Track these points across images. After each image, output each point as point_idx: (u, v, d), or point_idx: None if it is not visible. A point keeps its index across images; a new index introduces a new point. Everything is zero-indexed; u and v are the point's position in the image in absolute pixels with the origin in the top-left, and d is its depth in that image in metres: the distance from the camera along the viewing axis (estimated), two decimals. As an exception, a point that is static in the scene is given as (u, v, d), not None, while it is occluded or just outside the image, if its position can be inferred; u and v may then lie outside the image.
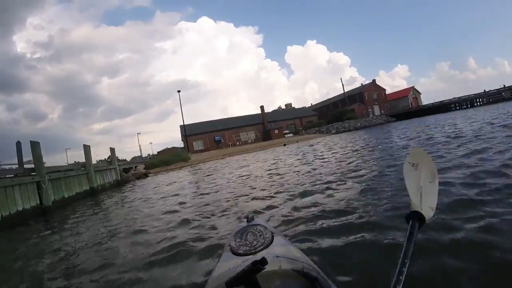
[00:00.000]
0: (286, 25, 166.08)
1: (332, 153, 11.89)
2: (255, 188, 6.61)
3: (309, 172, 7.35)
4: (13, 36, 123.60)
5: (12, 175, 10.20)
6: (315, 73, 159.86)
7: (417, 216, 1.01)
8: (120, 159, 59.43)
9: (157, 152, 66.28)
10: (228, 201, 5.51)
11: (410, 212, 1.03)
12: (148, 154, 62.72)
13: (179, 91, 49.99)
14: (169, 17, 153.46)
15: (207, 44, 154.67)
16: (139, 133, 70.90)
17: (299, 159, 11.97)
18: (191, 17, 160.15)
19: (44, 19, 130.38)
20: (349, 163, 7.55)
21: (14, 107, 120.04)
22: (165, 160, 30.45)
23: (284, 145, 34.25)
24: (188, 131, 54.37)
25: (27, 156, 11.53)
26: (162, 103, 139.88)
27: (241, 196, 5.78)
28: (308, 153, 14.56)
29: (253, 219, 1.73)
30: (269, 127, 58.80)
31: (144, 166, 27.08)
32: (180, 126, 55.06)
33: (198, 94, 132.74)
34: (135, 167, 25.78)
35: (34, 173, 10.88)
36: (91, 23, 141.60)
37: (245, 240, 1.39)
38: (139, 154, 66.37)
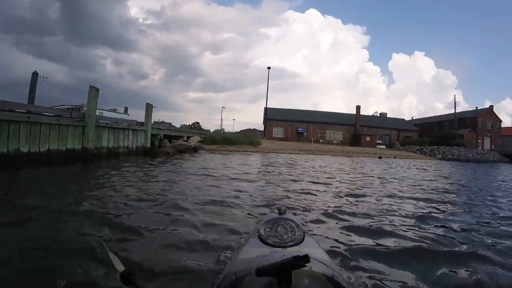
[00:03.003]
0: (396, 30, 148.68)
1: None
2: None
3: None
4: (128, 1, 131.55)
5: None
6: (416, 87, 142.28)
7: None
8: (204, 129, 56.05)
9: (240, 130, 61.30)
10: None
11: None
12: (222, 129, 57.23)
13: (269, 68, 44.14)
14: (277, 4, 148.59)
15: (311, 36, 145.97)
16: (224, 107, 66.42)
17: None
18: (300, 8, 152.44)
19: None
20: None
21: (120, 63, 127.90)
22: (229, 138, 23.97)
23: (380, 157, 25.58)
24: (270, 115, 47.80)
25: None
26: (257, 86, 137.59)
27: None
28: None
29: (285, 213, 1.56)
30: (360, 131, 49.14)
31: (199, 139, 20.71)
32: (264, 108, 48.68)
33: (292, 85, 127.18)
34: (187, 137, 19.44)
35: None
36: (203, 0, 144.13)
37: (275, 232, 1.26)
38: (219, 128, 62.12)
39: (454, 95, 60.61)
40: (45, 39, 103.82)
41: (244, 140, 24.44)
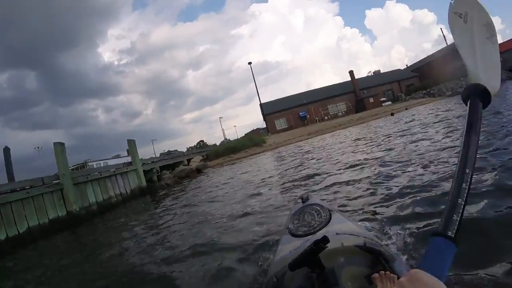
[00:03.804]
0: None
1: None
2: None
3: None
4: (97, 49, 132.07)
5: None
6: (399, 35, 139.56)
7: (479, 91, 0.72)
8: (209, 144, 54.29)
9: (244, 134, 59.58)
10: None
11: (467, 86, 0.75)
12: (225, 139, 55.08)
13: (250, 63, 43.19)
14: (240, 2, 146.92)
15: (282, 21, 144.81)
16: (221, 117, 65.11)
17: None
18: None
19: (123, 28, 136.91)
20: None
21: (111, 109, 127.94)
22: (231, 146, 22.53)
23: (392, 114, 23.95)
24: (268, 109, 46.37)
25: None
26: (246, 87, 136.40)
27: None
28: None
29: (308, 199, 1.56)
30: (362, 95, 47.12)
31: (201, 158, 19.33)
32: (259, 105, 47.22)
33: (280, 74, 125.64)
34: (188, 160, 18.08)
35: None
36: (168, 23, 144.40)
37: (303, 221, 1.29)
38: (223, 139, 60.57)
39: (441, 28, 58.62)
40: (32, 110, 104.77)
41: (248, 143, 23.00)
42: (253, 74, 45.09)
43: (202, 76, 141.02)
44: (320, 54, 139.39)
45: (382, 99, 46.26)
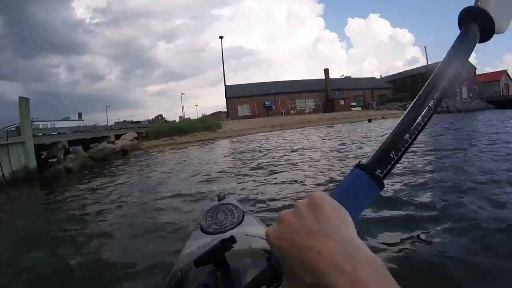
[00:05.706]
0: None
1: None
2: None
3: None
4: (72, 3, 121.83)
5: None
6: (375, 48, 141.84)
7: (482, 17, 0.49)
8: (169, 120, 49.02)
9: (202, 115, 55.32)
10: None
11: (468, 7, 0.51)
12: (182, 117, 50.54)
13: (221, 37, 40.27)
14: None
15: (265, 11, 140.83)
16: (183, 94, 60.34)
17: None
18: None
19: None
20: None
21: (73, 68, 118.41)
22: (178, 127, 18.64)
23: (370, 121, 21.42)
24: (232, 93, 42.71)
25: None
26: (216, 69, 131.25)
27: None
28: None
29: (225, 198, 1.52)
30: (333, 95, 44.94)
31: (135, 136, 15.32)
32: (225, 86, 43.40)
33: (252, 62, 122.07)
34: (117, 137, 14.06)
35: None
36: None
37: (216, 219, 1.26)
38: (180, 116, 56.02)
39: (425, 47, 58.34)
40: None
41: (199, 125, 19.24)
42: (222, 50, 41.19)
43: (173, 50, 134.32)
44: (295, 50, 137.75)
45: (353, 103, 44.37)
